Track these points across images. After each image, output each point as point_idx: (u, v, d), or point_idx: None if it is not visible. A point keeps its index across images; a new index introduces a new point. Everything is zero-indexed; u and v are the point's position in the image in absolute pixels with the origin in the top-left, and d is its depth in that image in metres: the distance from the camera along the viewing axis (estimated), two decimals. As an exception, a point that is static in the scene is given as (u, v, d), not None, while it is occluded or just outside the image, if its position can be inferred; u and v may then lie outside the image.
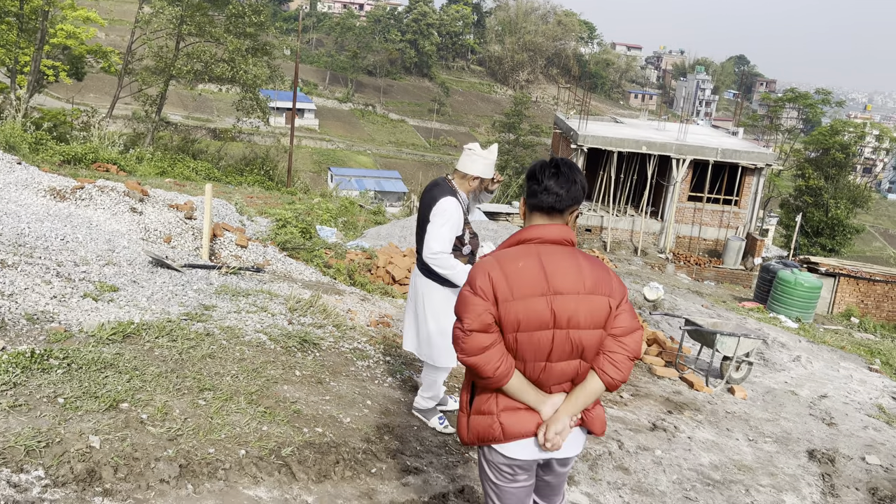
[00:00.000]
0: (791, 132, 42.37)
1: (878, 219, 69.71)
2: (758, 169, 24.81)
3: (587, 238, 24.77)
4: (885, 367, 11.19)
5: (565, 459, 2.81)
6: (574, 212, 2.74)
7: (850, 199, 33.94)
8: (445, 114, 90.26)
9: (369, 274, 9.22)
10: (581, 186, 2.70)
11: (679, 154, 24.54)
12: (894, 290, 19.00)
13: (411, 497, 3.89)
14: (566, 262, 2.60)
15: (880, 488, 5.68)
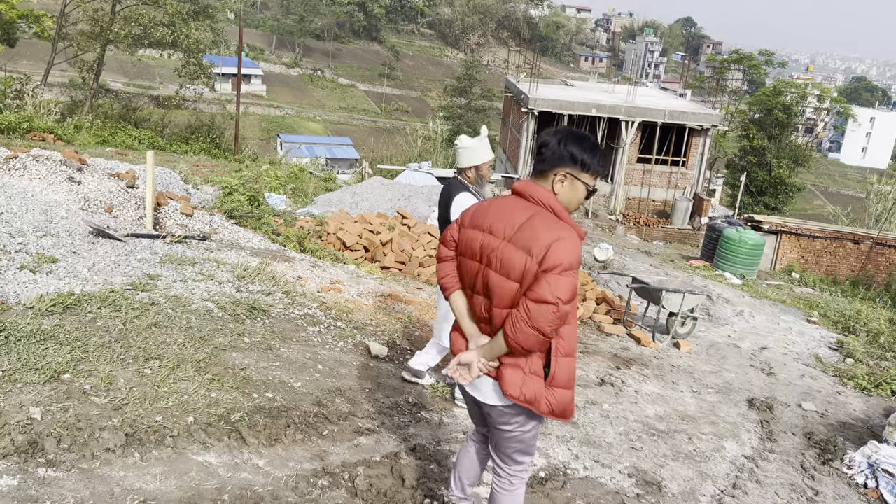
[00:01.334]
0: (736, 93, 43.16)
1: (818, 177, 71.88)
2: (704, 130, 25.26)
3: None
4: (823, 319, 11.64)
5: (488, 408, 2.88)
6: (558, 175, 2.73)
7: (792, 159, 34.88)
8: (396, 78, 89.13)
9: (320, 241, 9.14)
10: (568, 153, 2.70)
11: (628, 116, 24.80)
12: (833, 246, 19.70)
13: (363, 457, 3.93)
14: (509, 210, 2.76)
15: (815, 433, 5.95)
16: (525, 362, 2.74)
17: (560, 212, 2.70)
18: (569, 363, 2.78)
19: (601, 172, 2.80)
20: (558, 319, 2.57)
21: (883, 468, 5.09)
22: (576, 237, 2.64)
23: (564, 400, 2.79)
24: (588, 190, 2.76)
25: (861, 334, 10.47)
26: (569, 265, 2.57)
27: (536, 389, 2.74)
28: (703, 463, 4.94)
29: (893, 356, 9.14)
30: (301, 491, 3.46)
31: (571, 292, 2.58)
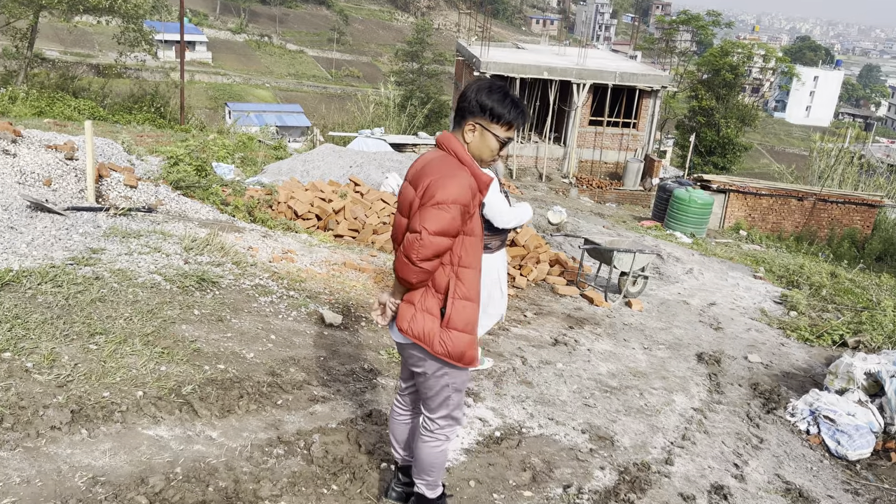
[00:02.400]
0: (685, 54, 43.52)
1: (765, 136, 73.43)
2: (654, 91, 25.47)
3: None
4: (769, 275, 11.99)
5: (399, 347, 2.98)
6: (468, 125, 2.78)
7: (739, 119, 35.46)
8: (346, 43, 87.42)
9: (270, 210, 9.00)
10: (478, 103, 2.75)
11: (579, 79, 24.83)
12: (778, 204, 20.22)
13: (319, 425, 3.92)
14: (423, 159, 2.87)
15: (761, 383, 6.16)
16: (419, 299, 2.82)
17: (462, 156, 2.76)
18: (466, 307, 2.81)
19: (514, 124, 2.79)
20: (424, 248, 2.64)
21: (824, 415, 5.30)
22: (464, 178, 2.70)
23: (461, 343, 2.81)
24: (499, 141, 2.79)
25: (804, 288, 10.83)
26: (443, 199, 2.65)
27: (428, 327, 2.79)
28: (654, 416, 5.07)
29: (834, 308, 9.48)
30: (256, 460, 3.44)
31: (442, 225, 2.64)
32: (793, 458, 4.86)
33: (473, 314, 2.84)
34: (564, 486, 3.84)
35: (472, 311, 2.83)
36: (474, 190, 2.74)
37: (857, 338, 7.64)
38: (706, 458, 4.57)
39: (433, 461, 3.03)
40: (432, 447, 3.00)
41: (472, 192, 2.72)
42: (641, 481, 4.04)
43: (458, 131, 2.83)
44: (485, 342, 5.81)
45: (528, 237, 8.92)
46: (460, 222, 2.71)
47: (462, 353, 2.82)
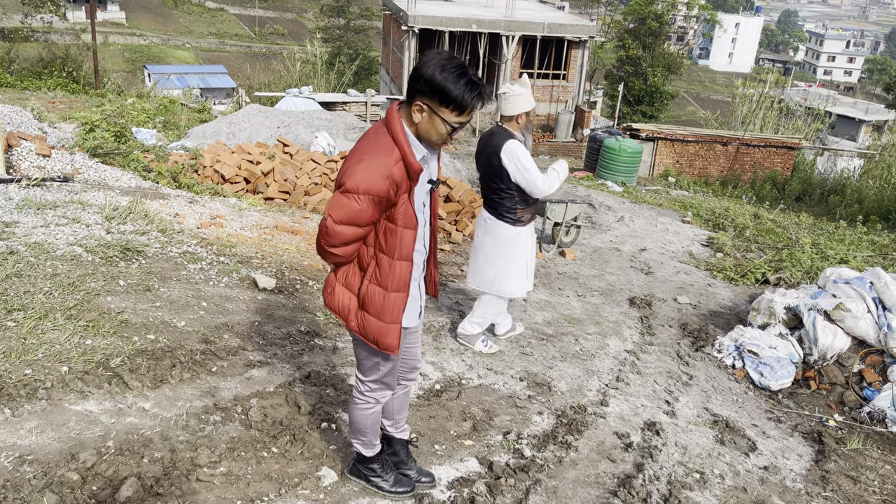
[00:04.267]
0: (611, 4, 43.77)
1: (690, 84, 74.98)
2: (582, 42, 25.58)
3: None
4: (696, 219, 12.36)
5: None
6: (416, 105, 2.50)
7: (665, 67, 36.07)
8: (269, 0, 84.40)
9: (196, 175, 8.72)
10: (428, 83, 2.44)
11: (508, 31, 24.70)
12: (704, 149, 20.77)
13: (256, 389, 3.87)
14: (364, 135, 2.70)
15: (689, 323, 6.39)
16: (341, 272, 2.76)
17: (397, 137, 2.51)
18: (378, 294, 2.67)
19: (469, 107, 2.47)
20: (329, 237, 2.56)
21: (748, 349, 5.55)
22: (382, 166, 2.46)
23: (373, 328, 2.70)
24: (450, 126, 2.50)
25: (729, 230, 11.23)
26: (352, 188, 2.47)
27: (345, 303, 2.76)
28: (589, 361, 5.21)
29: (757, 247, 9.86)
30: (192, 428, 3.39)
31: (347, 215, 2.50)
32: (720, 391, 5.08)
33: (388, 303, 2.68)
34: (504, 432, 3.93)
35: (384, 299, 2.67)
36: (395, 180, 2.49)
37: (777, 275, 7.98)
38: (639, 397, 4.74)
39: (364, 423, 3.00)
40: (362, 409, 2.97)
41: (389, 182, 2.48)
42: (578, 423, 4.17)
43: (406, 108, 2.56)
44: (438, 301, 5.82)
45: (462, 192, 8.93)
46: (373, 212, 2.53)
47: (376, 338, 2.71)
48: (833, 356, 5.36)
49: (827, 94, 54.90)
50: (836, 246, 9.89)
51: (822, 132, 32.63)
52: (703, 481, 3.74)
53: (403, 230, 2.60)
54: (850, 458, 4.25)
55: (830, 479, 3.97)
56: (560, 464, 3.70)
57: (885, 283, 5.43)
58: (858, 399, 5.04)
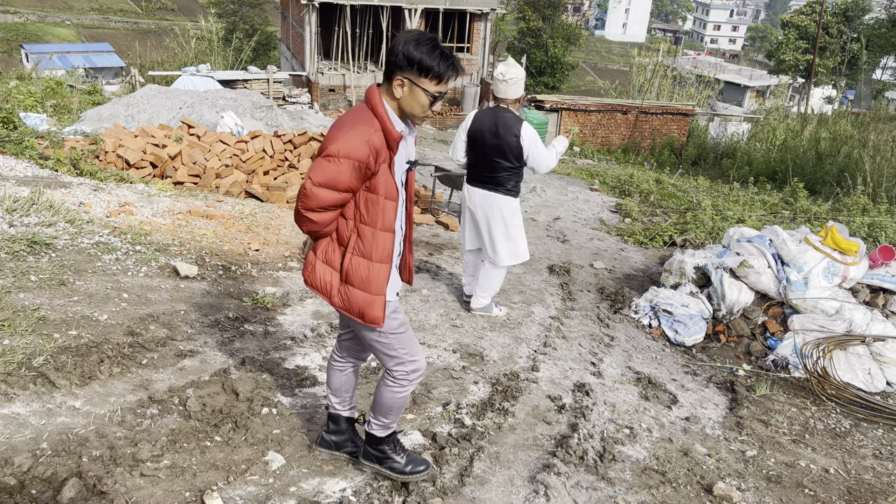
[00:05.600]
0: (510, -24, 44.07)
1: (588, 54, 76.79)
2: (484, 14, 25.72)
3: (332, 98, 24.34)
4: (603, 186, 12.82)
5: None
6: (396, 80, 2.60)
7: (564, 38, 36.82)
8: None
9: (98, 161, 8.30)
10: (405, 57, 2.56)
11: (410, 4, 24.51)
12: (606, 118, 21.45)
13: (191, 379, 3.80)
14: None
15: (606, 287, 6.67)
16: (321, 249, 2.78)
17: (377, 109, 2.62)
18: (362, 265, 2.71)
19: (444, 77, 2.60)
20: (307, 199, 2.61)
21: (662, 308, 5.86)
22: (363, 132, 2.57)
23: (358, 300, 2.73)
24: (430, 96, 2.61)
25: (635, 196, 11.71)
26: (333, 152, 2.57)
27: (326, 279, 2.78)
28: (517, 329, 5.37)
29: (662, 211, 10.35)
30: (129, 424, 3.30)
31: (327, 177, 2.57)
32: (640, 350, 5.36)
33: (373, 274, 2.71)
34: (444, 404, 4.02)
35: (368, 269, 2.71)
36: (375, 146, 2.58)
37: (683, 237, 8.42)
38: (567, 360, 4.94)
39: (392, 405, 2.97)
40: (394, 391, 2.94)
41: (370, 148, 2.56)
42: (513, 389, 4.31)
43: (387, 86, 2.65)
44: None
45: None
46: (352, 178, 2.59)
47: (362, 311, 2.73)
48: (739, 310, 5.75)
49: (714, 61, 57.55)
50: (733, 207, 10.50)
51: (712, 99, 34.25)
52: (633, 436, 3.97)
53: (385, 200, 2.67)
54: (761, 404, 4.60)
55: (745, 424, 4.29)
56: (500, 430, 3.83)
57: (783, 239, 5.84)
58: (764, 349, 5.44)
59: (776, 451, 4.02)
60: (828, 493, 3.64)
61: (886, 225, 9.17)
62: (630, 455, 3.74)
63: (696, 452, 3.87)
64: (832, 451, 4.09)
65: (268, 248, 6.33)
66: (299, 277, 5.67)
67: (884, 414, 4.56)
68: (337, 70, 24.79)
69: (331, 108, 22.69)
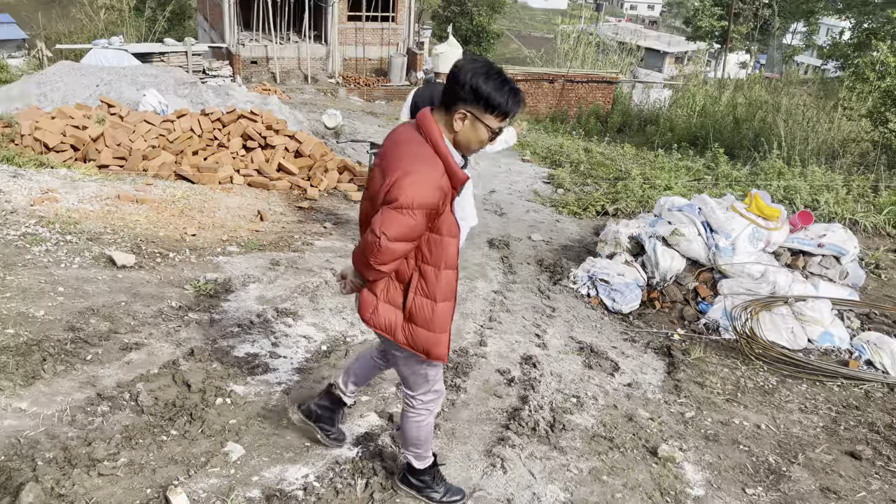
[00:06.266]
0: (432, -58, 43.49)
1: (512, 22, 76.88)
2: (408, -17, 25.42)
3: (255, 71, 23.65)
4: (534, 157, 13.00)
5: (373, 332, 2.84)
6: (458, 113, 2.44)
7: (489, 6, 36.71)
8: (55, -63, 75.30)
9: (13, 145, 7.89)
10: (472, 90, 2.39)
11: (332, -28, 23.96)
12: (532, 87, 21.65)
13: (139, 373, 3.73)
14: (396, 136, 2.60)
15: (545, 259, 6.83)
16: (381, 289, 2.65)
17: (439, 147, 2.45)
18: (426, 305, 2.62)
19: (512, 114, 2.46)
20: (381, 254, 2.45)
21: (600, 278, 6.06)
22: (434, 178, 2.41)
23: (422, 339, 2.65)
24: (492, 132, 2.47)
25: (566, 166, 11.94)
26: (407, 204, 2.38)
27: (391, 319, 2.67)
28: (462, 304, 5.47)
29: (593, 181, 10.61)
30: (80, 423, 3.23)
31: (402, 231, 2.41)
32: (580, 320, 5.55)
33: (437, 314, 2.62)
34: (397, 384, 4.07)
35: (433, 310, 2.61)
36: (445, 190, 2.44)
37: (615, 206, 8.68)
38: (512, 333, 5.07)
39: (419, 435, 2.94)
40: (417, 422, 2.90)
41: (441, 193, 2.42)
42: (463, 366, 4.41)
43: (443, 115, 2.47)
44: (293, 261, 5.79)
45: (312, 146, 8.79)
46: (424, 226, 2.46)
47: (428, 349, 2.66)
48: (672, 277, 6.01)
49: (635, 28, 58.62)
50: (660, 174, 10.85)
51: (634, 66, 34.96)
52: (580, 404, 4.14)
53: (448, 239, 2.55)
54: (696, 366, 4.86)
55: (682, 386, 4.53)
56: (453, 406, 3.93)
57: (711, 207, 6.11)
58: (696, 313, 5.72)
59: (712, 410, 4.27)
60: (760, 447, 3.90)
61: (801, 188, 9.68)
62: (579, 423, 3.91)
63: (639, 417, 4.07)
64: (762, 408, 4.38)
65: (204, 233, 6.20)
66: (240, 262, 5.60)
67: (807, 370, 4.89)
68: (258, 41, 24.09)
69: (254, 81, 22.07)
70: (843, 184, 10.01)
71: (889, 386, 4.79)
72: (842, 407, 4.48)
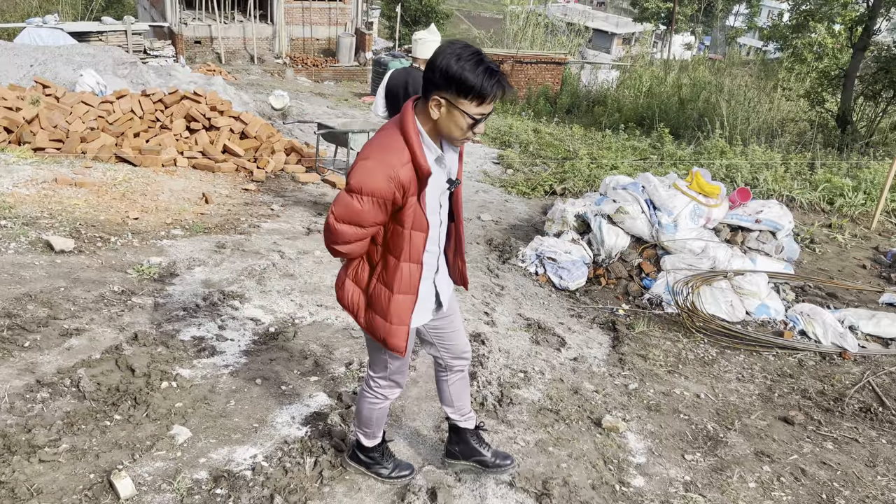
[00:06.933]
0: (379, -79, 42.87)
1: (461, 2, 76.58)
2: (355, -39, 25.05)
3: (199, 51, 23.05)
4: (484, 137, 13.04)
5: None
6: (433, 100, 2.32)
7: (438, -14, 36.51)
8: None
9: (-58, 127, 7.56)
10: (444, 75, 2.26)
11: (277, -50, 23.45)
12: (482, 68, 21.65)
13: (80, 358, 3.66)
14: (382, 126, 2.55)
15: (494, 238, 6.89)
16: (352, 268, 2.63)
17: (409, 137, 2.36)
18: (384, 294, 2.57)
19: (489, 97, 2.29)
20: (330, 233, 2.46)
21: (547, 256, 6.16)
22: (388, 167, 2.33)
23: (380, 328, 2.61)
24: (471, 118, 2.31)
25: (515, 146, 12.02)
26: (355, 187, 2.35)
27: (354, 299, 2.65)
28: (411, 284, 5.49)
29: (542, 161, 10.71)
30: (19, 410, 3.16)
31: (349, 214, 2.38)
32: (528, 297, 5.63)
33: (394, 305, 2.56)
34: (346, 364, 4.09)
35: (389, 300, 2.56)
36: (402, 182, 2.34)
37: (563, 185, 8.79)
38: (463, 312, 5.09)
39: (370, 416, 2.93)
40: (371, 404, 2.90)
41: (395, 184, 2.33)
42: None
43: (423, 104, 2.37)
44: (240, 243, 5.72)
45: (258, 127, 8.66)
46: (377, 214, 2.39)
47: (382, 338, 2.63)
48: (617, 254, 6.13)
49: (583, 9, 58.97)
50: (607, 154, 11.02)
51: (582, 47, 35.25)
52: (528, 379, 4.21)
53: (412, 232, 2.48)
54: (639, 340, 4.99)
55: (626, 359, 4.65)
56: (402, 384, 3.96)
57: (654, 185, 6.25)
58: (640, 288, 5.86)
59: (654, 382, 4.40)
60: (700, 415, 4.04)
61: (742, 166, 9.97)
62: (526, 397, 3.99)
63: (584, 390, 4.17)
64: (702, 378, 4.53)
65: (147, 216, 6.07)
66: (184, 245, 5.51)
67: (744, 341, 5.07)
68: (202, 20, 23.48)
69: (198, 62, 21.54)
70: (782, 162, 10.34)
71: (821, 354, 5.00)
72: (777, 375, 4.67)
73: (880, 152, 12.81)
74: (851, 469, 3.65)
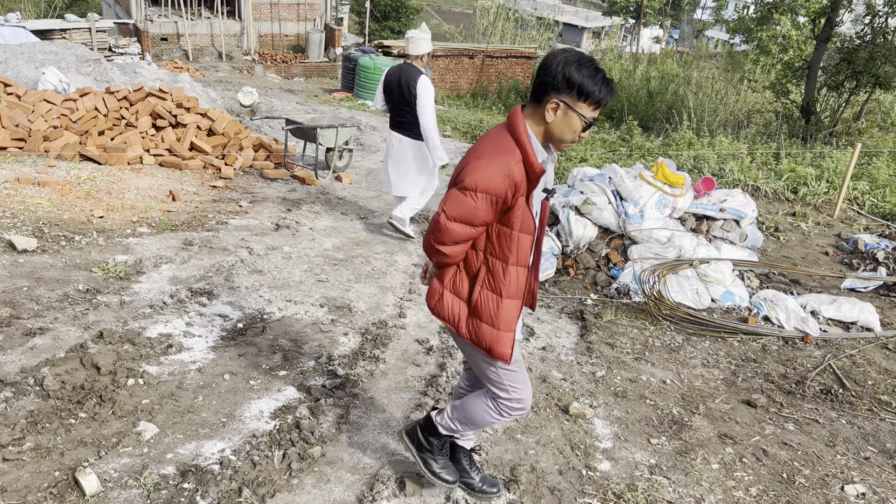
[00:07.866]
0: (348, -84, 42.58)
1: (432, -2, 76.40)
2: (324, -43, 24.88)
3: (165, 48, 22.75)
4: (455, 132, 13.07)
5: None
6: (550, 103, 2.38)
7: (408, -18, 36.40)
8: None
9: None
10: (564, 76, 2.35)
11: (244, -55, 23.20)
12: (453, 63, 21.67)
13: (44, 357, 3.62)
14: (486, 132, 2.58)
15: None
16: (448, 279, 2.60)
17: (520, 137, 2.40)
18: (492, 300, 2.54)
19: (605, 102, 2.40)
20: (440, 233, 2.44)
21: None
22: (504, 165, 2.36)
23: (486, 336, 2.56)
24: (585, 122, 2.40)
25: (486, 140, 12.05)
26: (471, 185, 2.37)
27: (455, 310, 2.61)
28: (382, 278, 5.50)
29: (512, 154, 10.76)
30: (-19, 411, 3.12)
31: (462, 212, 2.39)
32: (498, 289, 5.67)
33: (503, 310, 2.54)
34: (315, 357, 4.10)
35: (498, 306, 2.53)
36: (515, 180, 2.37)
37: (532, 178, 8.84)
38: (431, 304, 5.14)
39: (474, 419, 2.80)
40: (489, 413, 2.75)
41: (508, 182, 2.36)
42: (382, 337, 4.46)
43: (533, 107, 2.43)
44: (207, 240, 5.68)
45: (226, 123, 8.58)
46: (488, 213, 2.40)
47: (490, 346, 2.57)
48: (585, 245, 6.20)
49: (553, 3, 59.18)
50: (576, 147, 11.11)
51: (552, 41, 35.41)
52: (496, 368, 4.25)
53: (520, 234, 2.48)
54: (607, 328, 5.05)
55: (594, 348, 4.72)
56: (372, 377, 3.98)
57: (621, 177, 6.32)
58: (608, 278, 5.93)
59: (622, 369, 4.46)
60: (665, 401, 4.12)
61: (709, 157, 10.11)
62: (495, 387, 4.02)
63: (553, 378, 4.22)
64: (668, 365, 4.61)
65: (113, 214, 6.00)
66: (151, 243, 5.46)
67: (710, 327, 5.16)
68: (168, 17, 23.17)
69: (164, 59, 21.26)
70: (748, 152, 10.51)
71: (784, 339, 5.11)
72: (741, 360, 4.77)
73: (843, 142, 13.09)
74: (812, 449, 3.75)
